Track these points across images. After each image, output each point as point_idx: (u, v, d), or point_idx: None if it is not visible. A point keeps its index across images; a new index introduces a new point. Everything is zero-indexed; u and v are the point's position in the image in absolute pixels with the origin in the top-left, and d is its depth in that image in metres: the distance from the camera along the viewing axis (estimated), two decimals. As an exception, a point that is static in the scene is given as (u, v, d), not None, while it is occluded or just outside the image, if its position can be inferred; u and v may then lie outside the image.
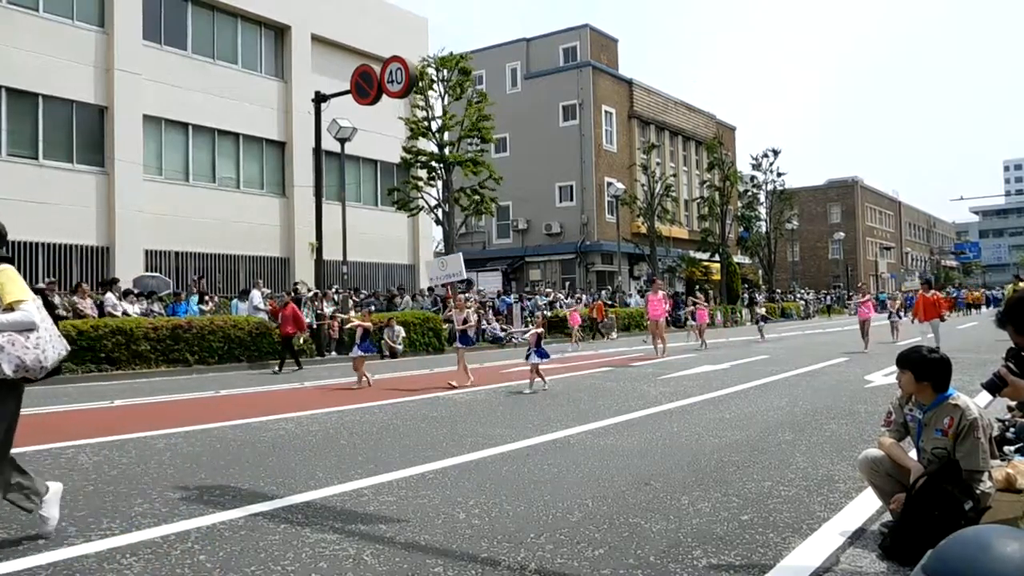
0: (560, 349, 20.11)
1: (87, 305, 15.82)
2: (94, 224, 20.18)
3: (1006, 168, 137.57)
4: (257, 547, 3.83)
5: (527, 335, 11.79)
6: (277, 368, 15.53)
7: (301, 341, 17.29)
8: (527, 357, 11.07)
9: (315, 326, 18.57)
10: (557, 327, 27.51)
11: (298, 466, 5.86)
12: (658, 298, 18.39)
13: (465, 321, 12.19)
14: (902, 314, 20.92)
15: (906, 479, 3.76)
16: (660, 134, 44.93)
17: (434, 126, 25.23)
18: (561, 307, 30.12)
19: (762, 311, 27.29)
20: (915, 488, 3.61)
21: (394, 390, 11.32)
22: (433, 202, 25.46)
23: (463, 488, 5.06)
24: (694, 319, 26.21)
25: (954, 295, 51.95)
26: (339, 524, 4.25)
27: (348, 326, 15.67)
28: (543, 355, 10.97)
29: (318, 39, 25.81)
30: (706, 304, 24.84)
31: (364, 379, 11.95)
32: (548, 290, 31.66)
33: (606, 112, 40.91)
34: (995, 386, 3.44)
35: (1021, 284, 19.47)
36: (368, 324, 13.15)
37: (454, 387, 11.19)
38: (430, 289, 24.22)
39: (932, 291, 17.56)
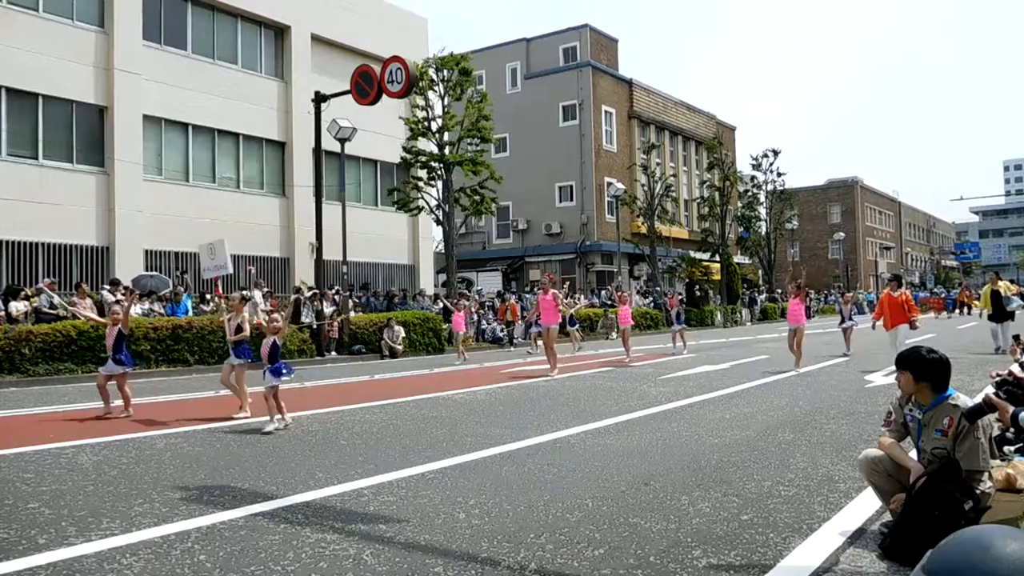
0: (449, 361, 17.80)
1: (87, 305, 15.81)
2: (94, 224, 20.16)
3: (1006, 168, 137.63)
4: (257, 547, 3.83)
5: (262, 346, 8.10)
6: None
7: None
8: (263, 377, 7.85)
9: (315, 326, 18.59)
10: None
11: (298, 466, 5.86)
12: (548, 299, 14.04)
13: (238, 330, 8.70)
14: (855, 318, 17.56)
15: (906, 479, 3.76)
16: (660, 134, 44.90)
17: (434, 126, 25.22)
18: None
19: (678, 309, 20.64)
20: (915, 488, 3.62)
21: (147, 422, 8.11)
22: (433, 202, 25.45)
23: (463, 488, 5.06)
24: (606, 322, 22.62)
25: (942, 295, 51.87)
26: (339, 524, 4.26)
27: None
28: (279, 372, 7.78)
29: (318, 39, 25.78)
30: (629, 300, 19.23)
31: (117, 402, 8.85)
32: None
33: (606, 112, 40.89)
34: (981, 411, 3.51)
35: (1000, 283, 19.06)
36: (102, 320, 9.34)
37: (234, 418, 8.36)
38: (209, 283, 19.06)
39: (901, 290, 14.62)
